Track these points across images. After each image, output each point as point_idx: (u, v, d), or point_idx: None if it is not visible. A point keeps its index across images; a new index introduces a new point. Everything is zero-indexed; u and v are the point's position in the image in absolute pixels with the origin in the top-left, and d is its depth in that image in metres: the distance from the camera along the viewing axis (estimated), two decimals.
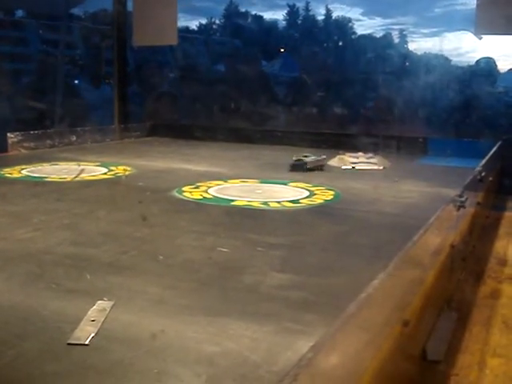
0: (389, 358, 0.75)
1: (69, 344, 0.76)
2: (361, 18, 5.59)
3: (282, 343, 0.77)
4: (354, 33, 5.11)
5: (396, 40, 4.80)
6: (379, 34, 4.71)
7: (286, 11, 6.23)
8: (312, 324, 0.82)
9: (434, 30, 5.16)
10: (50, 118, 3.86)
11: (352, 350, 0.64)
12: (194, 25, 6.09)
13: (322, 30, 5.37)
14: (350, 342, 0.64)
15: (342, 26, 5.35)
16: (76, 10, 4.97)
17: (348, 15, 5.32)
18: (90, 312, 0.84)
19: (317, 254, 1.19)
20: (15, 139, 2.56)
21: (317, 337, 0.64)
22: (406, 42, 4.85)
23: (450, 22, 4.67)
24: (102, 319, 0.82)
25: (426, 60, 3.96)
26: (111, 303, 0.88)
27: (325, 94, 4.01)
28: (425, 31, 5.37)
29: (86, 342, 0.76)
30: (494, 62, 3.73)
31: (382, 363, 0.72)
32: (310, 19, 5.94)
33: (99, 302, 0.88)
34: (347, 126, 3.60)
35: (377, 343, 0.71)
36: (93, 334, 0.78)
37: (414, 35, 5.11)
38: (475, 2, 2.54)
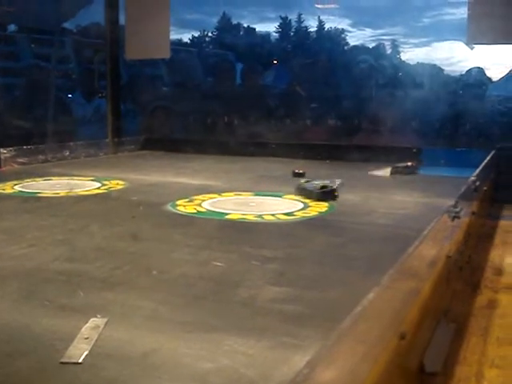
0: (386, 372, 0.74)
1: (62, 363, 0.74)
2: (350, 29, 5.60)
3: (277, 358, 0.76)
4: (347, 43, 5.15)
5: (388, 50, 4.82)
6: (370, 45, 4.73)
7: (278, 23, 6.27)
8: (308, 338, 0.81)
9: (424, 40, 5.19)
10: (41, 133, 3.86)
11: (349, 364, 0.63)
12: (186, 37, 6.11)
13: (315, 41, 5.40)
14: (347, 356, 0.63)
15: (335, 37, 5.39)
16: (68, 24, 4.98)
17: (340, 26, 5.35)
18: (83, 329, 0.83)
19: (312, 267, 1.18)
20: (8, 154, 2.55)
21: (313, 351, 0.63)
22: (398, 53, 4.88)
23: (440, 32, 4.70)
24: (96, 337, 0.81)
25: (418, 70, 3.98)
26: (105, 320, 0.87)
27: (318, 105, 4.02)
28: (415, 41, 5.39)
29: (80, 361, 0.75)
30: (484, 72, 3.75)
31: (380, 377, 0.72)
32: (303, 31, 5.98)
33: (92, 319, 0.87)
34: (341, 137, 3.61)
35: (374, 356, 0.71)
36: (86, 352, 0.77)
37: (405, 45, 5.14)
38: (462, 11, 2.56)
